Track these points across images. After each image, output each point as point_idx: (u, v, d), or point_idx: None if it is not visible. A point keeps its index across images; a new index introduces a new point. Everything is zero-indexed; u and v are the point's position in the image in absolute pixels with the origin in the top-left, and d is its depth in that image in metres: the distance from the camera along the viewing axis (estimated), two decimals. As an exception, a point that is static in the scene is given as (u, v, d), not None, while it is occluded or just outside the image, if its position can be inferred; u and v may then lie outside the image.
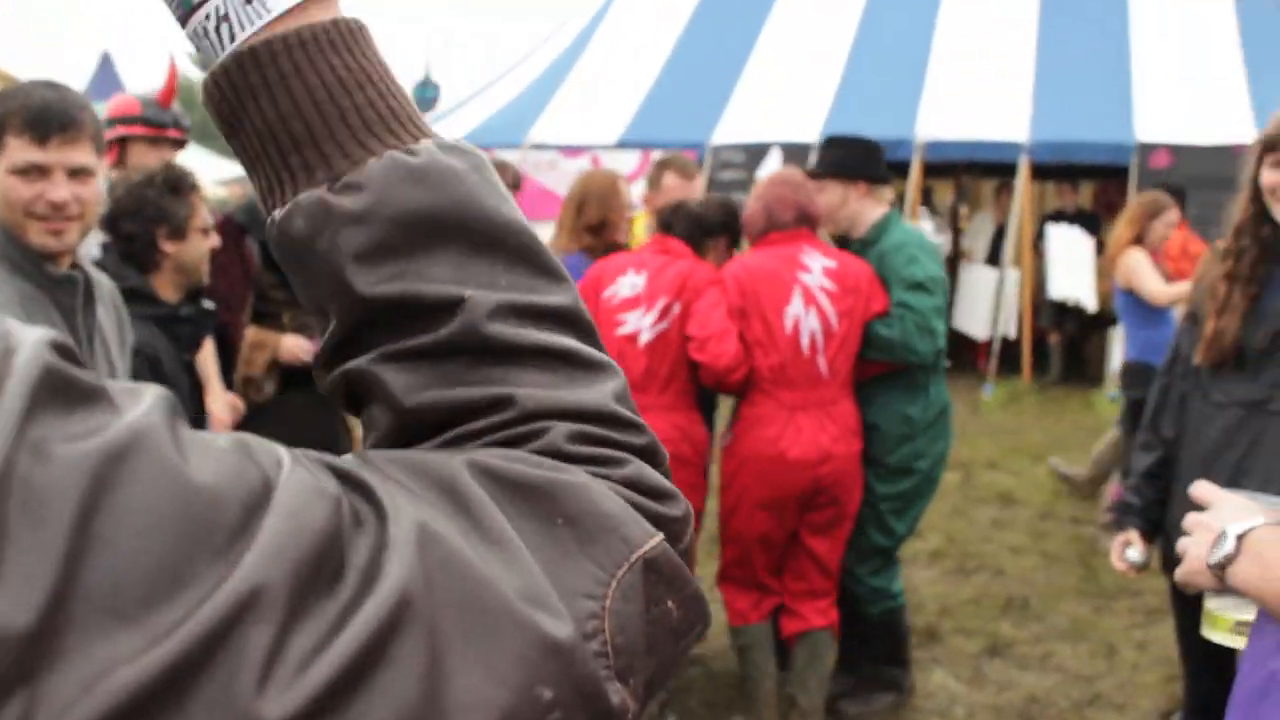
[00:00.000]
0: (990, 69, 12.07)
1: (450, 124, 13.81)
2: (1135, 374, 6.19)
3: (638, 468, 0.65)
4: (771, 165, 11.12)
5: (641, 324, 3.99)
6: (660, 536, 0.62)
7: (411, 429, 0.65)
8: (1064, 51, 12.07)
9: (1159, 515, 3.23)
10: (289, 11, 0.65)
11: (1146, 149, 10.81)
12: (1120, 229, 6.19)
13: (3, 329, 0.50)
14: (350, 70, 0.66)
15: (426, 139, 0.68)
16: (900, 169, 11.33)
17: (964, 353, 11.25)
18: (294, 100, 0.65)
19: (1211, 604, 1.67)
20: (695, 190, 4.63)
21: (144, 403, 0.51)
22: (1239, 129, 10.81)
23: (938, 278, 4.17)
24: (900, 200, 12.18)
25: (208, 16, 0.65)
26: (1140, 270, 5.96)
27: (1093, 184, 15.65)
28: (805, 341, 3.92)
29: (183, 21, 0.67)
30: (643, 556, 0.61)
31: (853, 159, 4.35)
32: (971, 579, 5.87)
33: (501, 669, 0.53)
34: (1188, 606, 3.42)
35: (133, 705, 0.44)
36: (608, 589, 0.59)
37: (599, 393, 0.67)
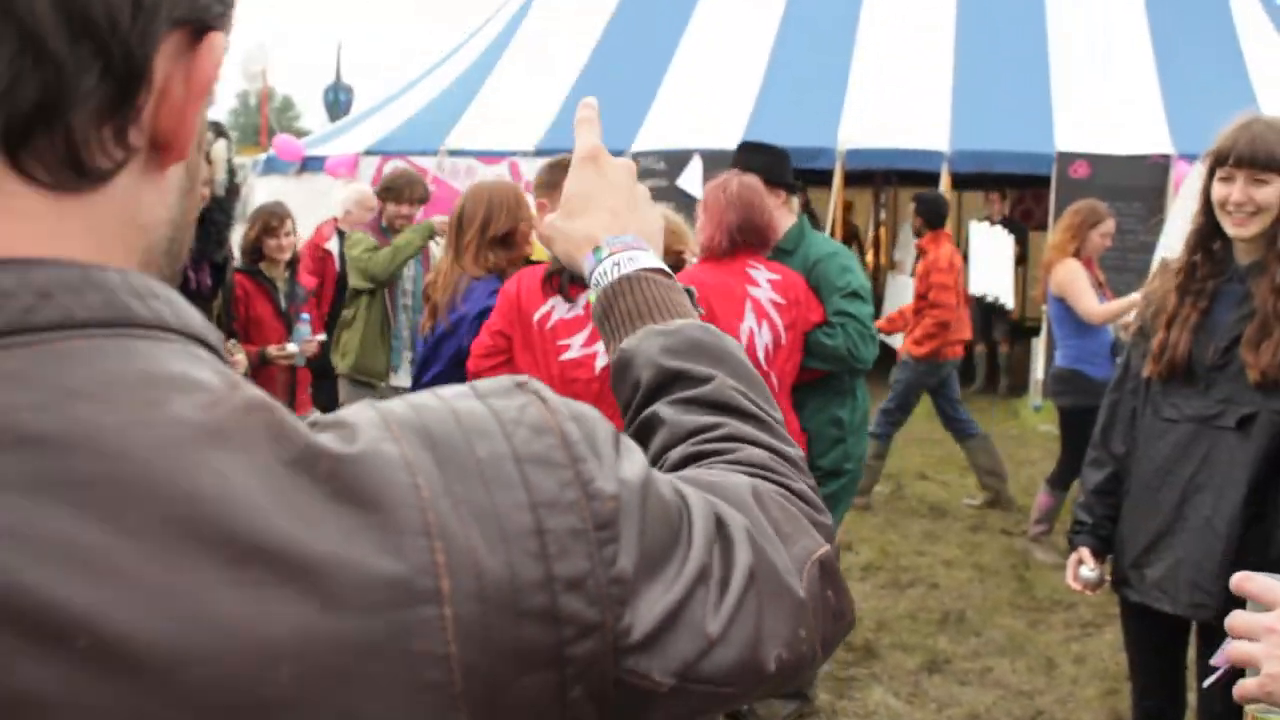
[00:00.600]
0: (911, 77, 12.09)
1: (365, 129, 13.54)
2: (1065, 381, 6.18)
3: (807, 486, 0.95)
4: (693, 172, 11.06)
5: (593, 347, 3.62)
6: (829, 546, 0.90)
7: (671, 442, 0.98)
8: (982, 60, 12.12)
9: (1110, 532, 3.16)
10: (645, 267, 1.11)
11: (1066, 158, 10.88)
12: (1057, 236, 6.16)
13: None
14: (663, 288, 1.10)
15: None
16: (822, 177, 11.31)
17: (887, 362, 11.22)
18: (645, 297, 1.09)
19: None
20: None
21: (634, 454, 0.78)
22: (1153, 139, 10.96)
23: (868, 287, 4.20)
24: (807, 208, 12.18)
25: (615, 264, 1.11)
26: (1076, 283, 5.94)
27: (1011, 193, 15.84)
28: (761, 356, 3.82)
29: (590, 270, 1.13)
30: (819, 558, 0.87)
31: (775, 166, 4.26)
32: (907, 593, 5.79)
33: (784, 614, 0.81)
34: (1134, 621, 3.35)
35: (669, 620, 0.72)
36: (802, 575, 0.85)
37: (784, 440, 0.99)
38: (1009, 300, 10.85)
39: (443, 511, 0.64)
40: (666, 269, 1.13)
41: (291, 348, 5.32)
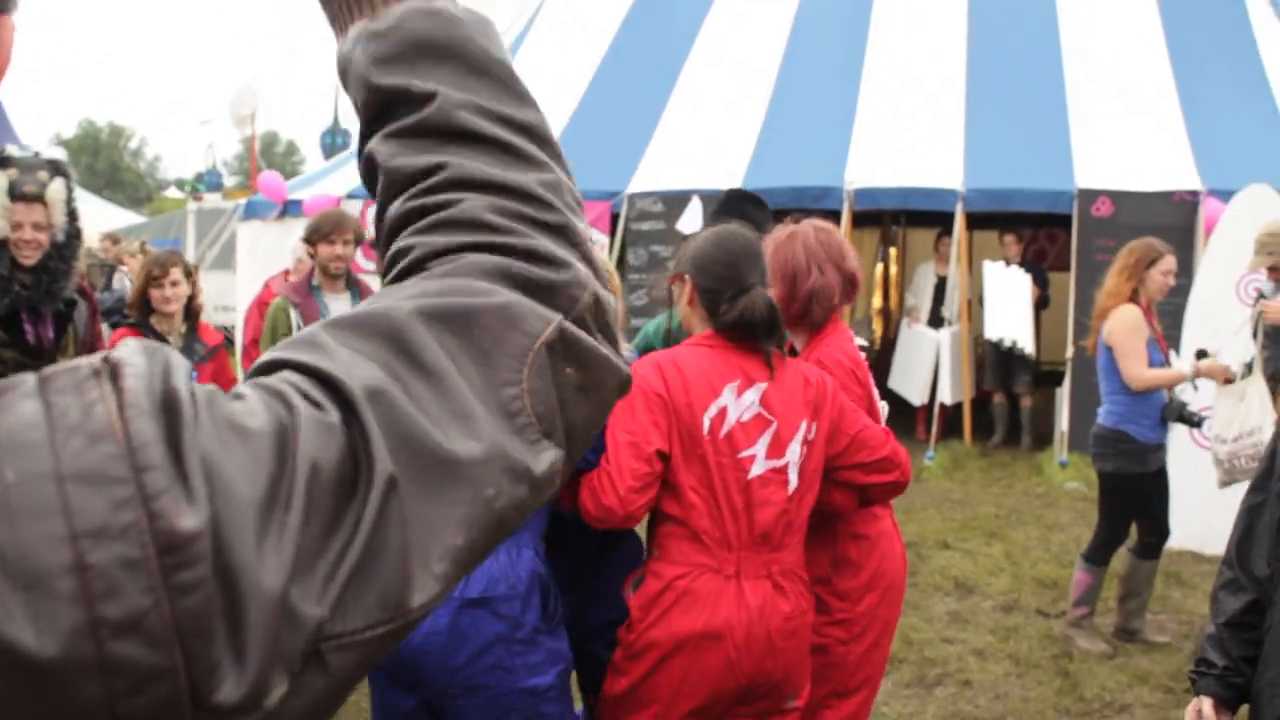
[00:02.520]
0: (921, 111, 11.48)
1: (349, 171, 12.94)
2: (1108, 443, 5.52)
3: (539, 241, 0.83)
4: (692, 214, 10.41)
5: (783, 457, 2.84)
6: (555, 320, 0.80)
7: (390, 190, 0.87)
8: (996, 93, 11.52)
9: (1247, 679, 2.40)
10: None
11: (1088, 196, 10.24)
12: (1111, 281, 5.54)
13: None
14: None
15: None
16: (829, 218, 10.66)
17: (901, 417, 10.55)
18: None
19: None
20: None
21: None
22: (1180, 175, 10.33)
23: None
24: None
25: None
26: (1129, 341, 5.32)
27: (1020, 234, 15.20)
28: None
29: None
30: (544, 342, 0.78)
31: (764, 216, 3.62)
32: (935, 694, 5.07)
33: (452, 500, 0.71)
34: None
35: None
36: (522, 373, 0.77)
37: (526, 177, 0.86)
38: (1029, 345, 10.23)
39: None
40: None
41: None
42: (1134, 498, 5.53)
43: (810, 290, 3.22)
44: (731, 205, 3.55)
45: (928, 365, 10.64)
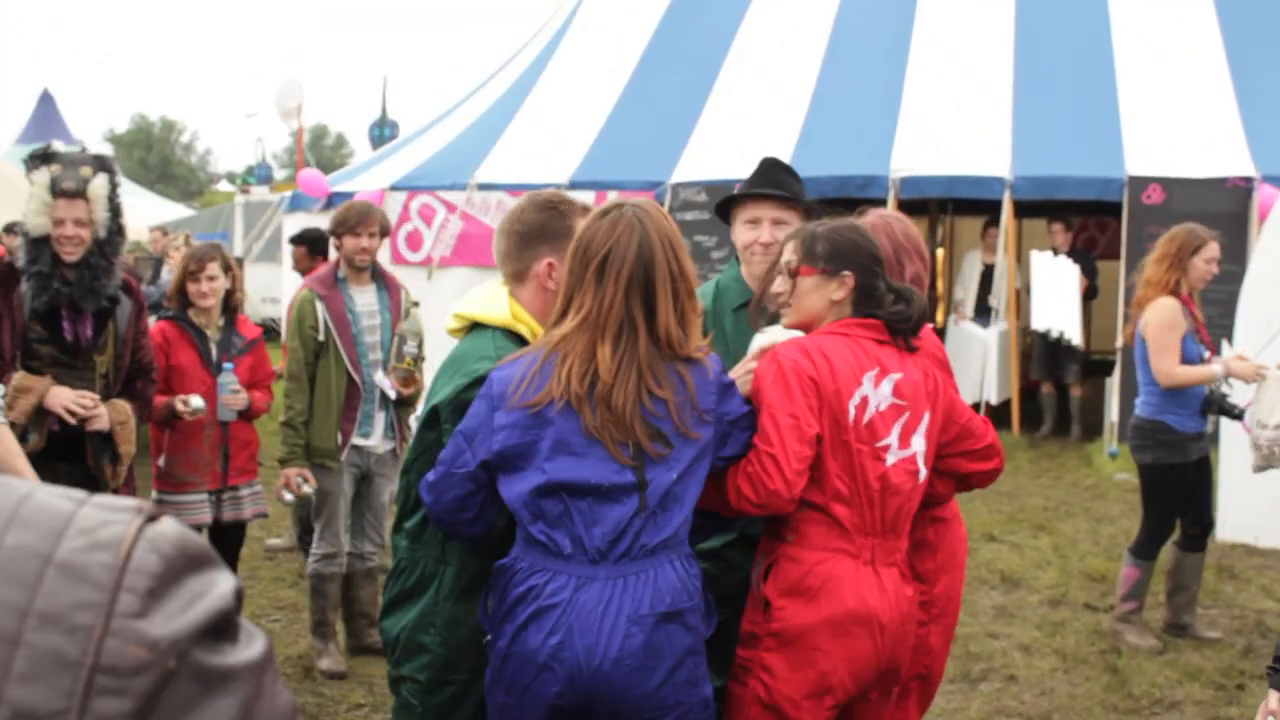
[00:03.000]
0: (968, 98, 11.33)
1: (392, 164, 12.97)
2: (1146, 433, 5.42)
3: None
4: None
5: (910, 446, 2.83)
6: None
7: None
8: (1045, 79, 11.35)
9: None
10: None
11: (1138, 183, 10.07)
12: (1150, 270, 5.43)
13: None
14: None
15: None
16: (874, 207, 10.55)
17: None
18: None
19: None
20: None
21: None
22: (1233, 161, 10.14)
23: None
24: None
25: None
26: (1163, 335, 5.23)
27: (1068, 223, 14.99)
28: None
29: None
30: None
31: (801, 188, 3.49)
32: (979, 689, 4.99)
33: None
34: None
35: None
36: None
37: None
38: (1076, 336, 10.09)
39: None
40: None
41: (196, 401, 4.70)
42: (1174, 489, 5.42)
43: (911, 281, 3.20)
44: (768, 174, 3.43)
45: (976, 363, 10.53)
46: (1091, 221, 14.61)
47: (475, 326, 2.81)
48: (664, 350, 2.53)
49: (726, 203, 3.38)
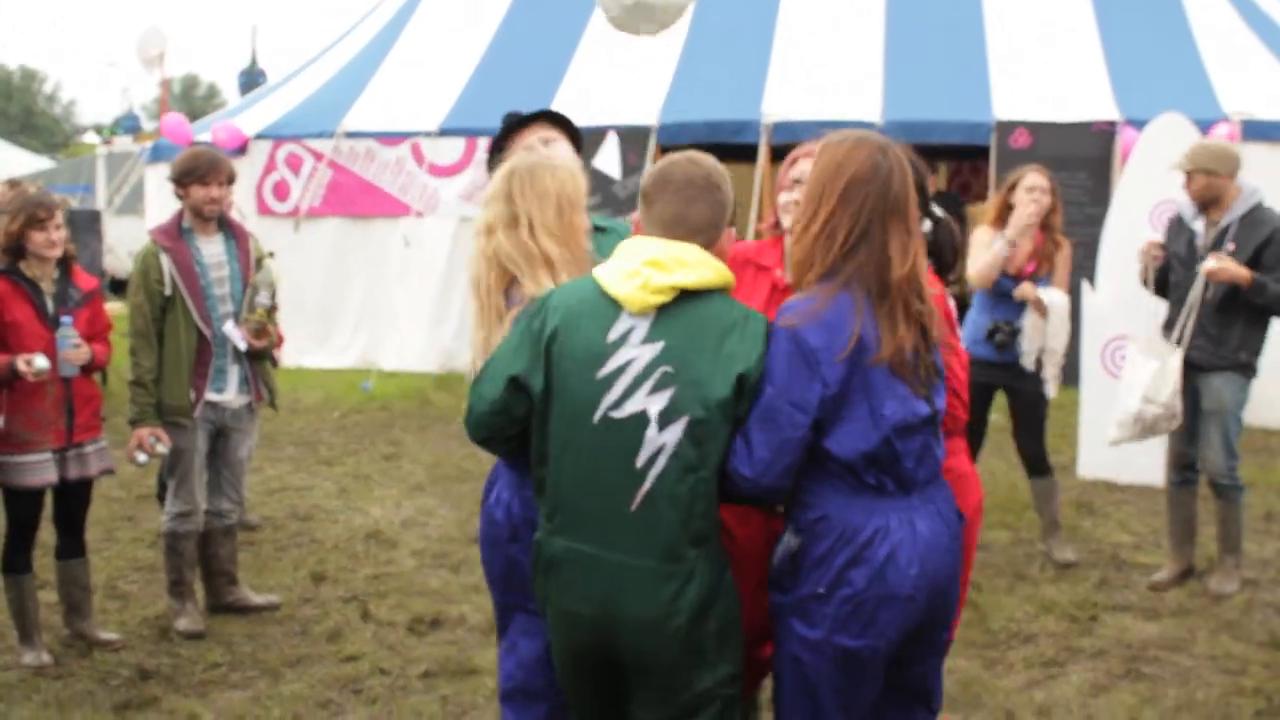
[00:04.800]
0: (838, 45, 11.36)
1: (259, 111, 12.61)
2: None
3: None
4: (609, 152, 10.21)
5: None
6: None
7: None
8: (915, 24, 11.43)
9: None
10: None
11: (1005, 127, 10.20)
12: (989, 205, 5.98)
13: None
14: None
15: None
16: (745, 153, 10.54)
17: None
18: None
19: None
20: None
21: None
22: (1098, 105, 10.32)
23: None
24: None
25: None
26: (971, 249, 5.72)
27: (947, 165, 15.17)
28: None
29: None
30: None
31: None
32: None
33: None
34: None
35: None
36: None
37: None
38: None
39: None
40: None
41: (40, 362, 4.44)
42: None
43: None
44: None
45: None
46: (966, 165, 14.82)
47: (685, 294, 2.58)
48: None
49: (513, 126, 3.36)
